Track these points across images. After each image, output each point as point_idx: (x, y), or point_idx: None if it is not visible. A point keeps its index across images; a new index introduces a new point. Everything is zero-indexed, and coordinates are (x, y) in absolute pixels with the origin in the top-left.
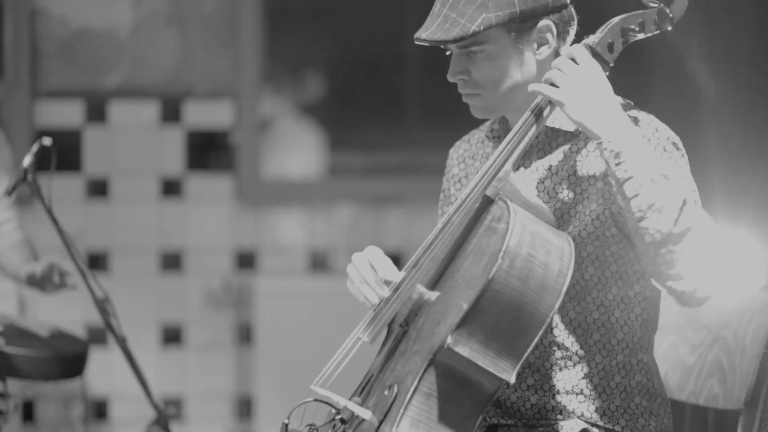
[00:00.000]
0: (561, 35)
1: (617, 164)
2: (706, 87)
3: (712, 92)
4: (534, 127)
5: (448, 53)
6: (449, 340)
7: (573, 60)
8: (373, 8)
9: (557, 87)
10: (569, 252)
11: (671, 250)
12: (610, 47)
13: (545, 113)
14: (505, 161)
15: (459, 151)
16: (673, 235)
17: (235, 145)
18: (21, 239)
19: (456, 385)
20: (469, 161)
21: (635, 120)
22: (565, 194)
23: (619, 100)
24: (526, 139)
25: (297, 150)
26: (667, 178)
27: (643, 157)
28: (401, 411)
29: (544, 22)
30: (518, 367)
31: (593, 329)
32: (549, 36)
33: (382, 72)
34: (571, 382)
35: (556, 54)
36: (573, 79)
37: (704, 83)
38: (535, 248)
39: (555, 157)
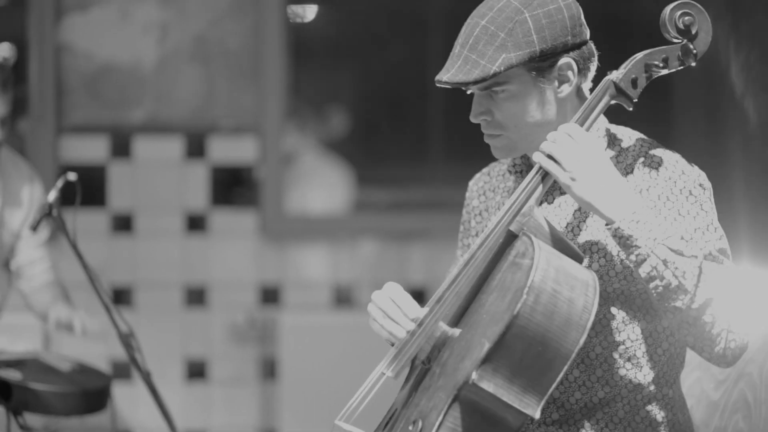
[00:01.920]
0: (582, 72)
1: (628, 248)
2: (732, 120)
3: (739, 125)
4: None
5: (469, 93)
6: (474, 375)
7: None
8: (396, 44)
9: (559, 163)
10: (594, 287)
11: (693, 323)
12: (634, 83)
13: None
14: (529, 196)
15: (479, 184)
16: (693, 310)
17: (259, 180)
18: (52, 280)
19: (481, 421)
20: (489, 194)
21: (660, 161)
22: (590, 231)
23: (644, 138)
24: (550, 175)
25: (321, 185)
26: (681, 253)
27: (653, 237)
28: None
29: (564, 60)
30: (543, 402)
31: (619, 364)
32: (570, 73)
33: (406, 107)
34: (596, 417)
35: (578, 90)
36: (574, 156)
37: (731, 116)
38: (559, 284)
39: None
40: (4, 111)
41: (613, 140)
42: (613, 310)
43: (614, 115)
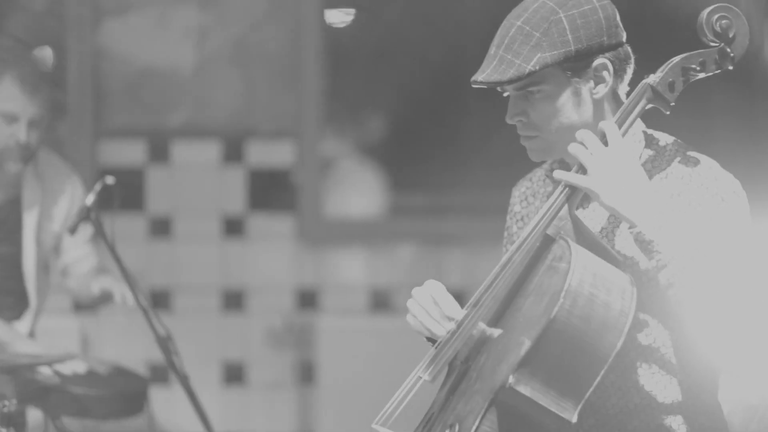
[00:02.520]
0: (617, 73)
1: (650, 253)
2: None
3: None
4: None
5: (505, 95)
6: (511, 379)
7: (604, 137)
8: (434, 48)
9: (586, 171)
10: (631, 291)
11: (715, 331)
12: (671, 86)
13: None
14: (565, 200)
15: (521, 189)
16: (714, 320)
17: (297, 184)
18: (96, 268)
19: (517, 425)
20: (531, 199)
21: (694, 167)
22: (624, 235)
23: (680, 143)
24: None
25: (359, 189)
26: (702, 262)
27: (675, 243)
28: None
29: (599, 60)
30: (580, 406)
31: (654, 370)
32: (605, 74)
33: (444, 111)
34: (632, 423)
35: (614, 93)
36: (602, 163)
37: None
38: (596, 287)
39: None
40: (35, 113)
41: (650, 142)
42: (648, 315)
43: (652, 119)
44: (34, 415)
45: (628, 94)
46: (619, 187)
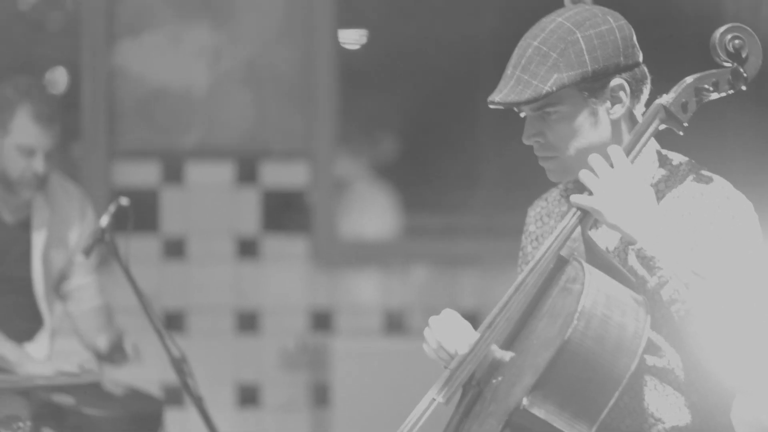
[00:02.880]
0: (634, 93)
1: (651, 269)
2: None
3: None
4: None
5: (522, 115)
6: (525, 401)
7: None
8: (447, 68)
9: (591, 193)
10: (645, 313)
11: (717, 352)
12: (684, 107)
13: None
14: (578, 222)
15: (536, 209)
16: (723, 339)
17: (310, 205)
18: (100, 305)
19: None
20: (546, 219)
21: (706, 187)
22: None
23: (693, 163)
24: None
25: (372, 210)
26: (703, 276)
27: (677, 260)
28: None
29: (616, 81)
30: (595, 428)
31: (668, 391)
32: (622, 94)
33: (457, 132)
34: None
35: (630, 113)
36: (607, 185)
37: None
38: (610, 309)
39: None
40: (51, 144)
41: (664, 162)
42: (661, 336)
43: (666, 139)
44: None
45: (644, 114)
46: (621, 206)
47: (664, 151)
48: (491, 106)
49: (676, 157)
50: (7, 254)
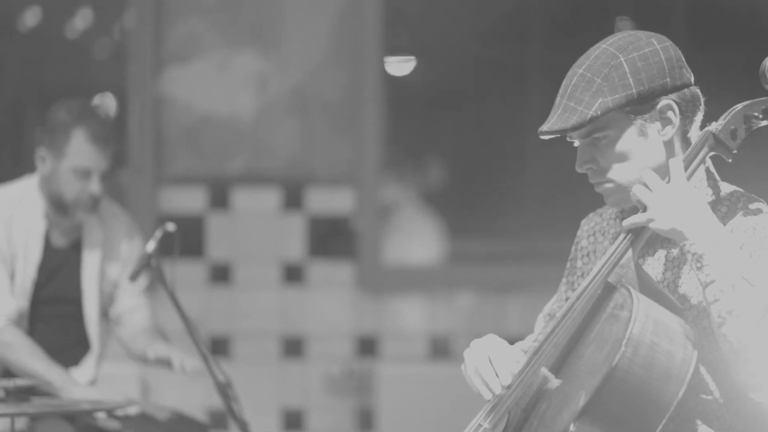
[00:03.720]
0: (685, 114)
1: (699, 267)
2: None
3: None
4: None
5: (575, 145)
6: (572, 428)
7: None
8: (493, 94)
9: (646, 208)
10: (693, 340)
11: (750, 360)
12: (733, 134)
13: None
14: (628, 248)
15: (590, 224)
16: (752, 344)
17: (356, 231)
18: (150, 326)
19: None
20: (598, 236)
21: (757, 214)
22: (688, 284)
23: (740, 192)
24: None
25: (418, 236)
26: (752, 283)
27: (727, 261)
28: None
29: (664, 102)
30: None
31: (712, 419)
32: (671, 114)
33: (504, 158)
34: None
35: (683, 135)
36: (661, 197)
37: None
38: (658, 336)
39: (677, 249)
40: (106, 166)
41: (715, 192)
42: (705, 363)
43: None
44: None
45: None
46: (675, 211)
47: (718, 181)
48: (542, 137)
49: (724, 186)
50: (57, 276)
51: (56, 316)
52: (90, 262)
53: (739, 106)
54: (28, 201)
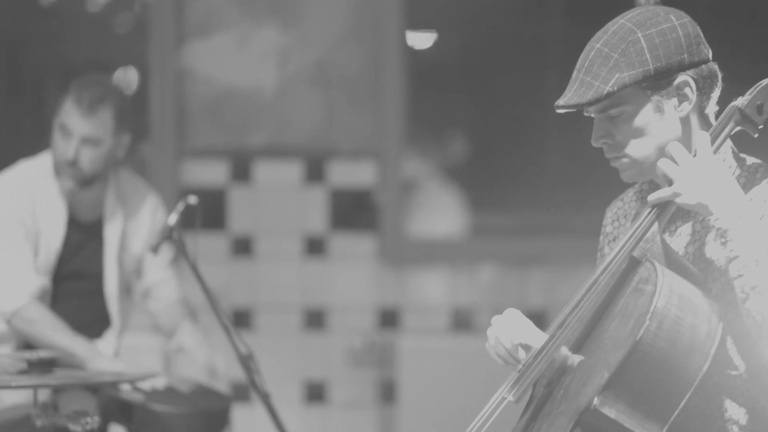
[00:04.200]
0: (702, 91)
1: (723, 242)
2: None
3: None
4: None
5: (592, 116)
6: (596, 401)
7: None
8: (515, 67)
9: (672, 183)
10: (717, 314)
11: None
12: (759, 109)
13: None
14: (652, 223)
15: (613, 210)
16: None
17: (378, 204)
18: (180, 298)
19: None
20: (622, 220)
21: (765, 175)
22: (711, 257)
23: (765, 165)
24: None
25: (440, 210)
26: None
27: (751, 236)
28: None
29: (681, 78)
30: (666, 429)
31: (737, 393)
32: (688, 91)
33: (525, 131)
34: None
35: (700, 110)
36: (688, 170)
37: None
38: (682, 310)
39: (700, 222)
40: (88, 133)
41: (740, 165)
42: (730, 338)
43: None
44: None
45: (717, 114)
46: (701, 184)
47: (741, 155)
48: (558, 111)
49: (750, 159)
50: (80, 253)
51: (78, 292)
52: (111, 237)
53: (765, 81)
54: (50, 176)
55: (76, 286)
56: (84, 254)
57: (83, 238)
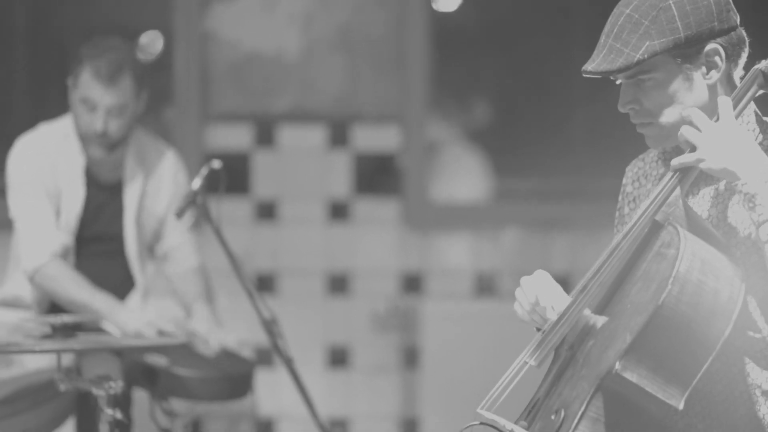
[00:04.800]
0: (731, 58)
1: (752, 207)
2: None
3: None
4: None
5: (618, 83)
6: (618, 365)
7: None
8: (540, 32)
9: (695, 149)
10: (740, 278)
11: None
12: None
13: None
14: (675, 187)
15: (634, 170)
16: None
17: (402, 169)
18: (197, 265)
19: (623, 411)
20: (642, 180)
21: None
22: (735, 220)
23: None
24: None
25: (464, 174)
26: None
27: None
28: None
29: (711, 46)
30: (687, 393)
31: (759, 357)
32: (717, 59)
33: (550, 96)
34: (738, 412)
35: (728, 77)
36: (710, 136)
37: None
38: (705, 274)
39: (723, 185)
40: (112, 103)
41: (763, 128)
42: (753, 301)
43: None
44: (140, 397)
45: (743, 78)
46: (725, 149)
47: (765, 118)
48: (585, 75)
49: None
50: (101, 215)
51: (101, 253)
52: (131, 200)
53: None
54: (71, 137)
55: (99, 248)
56: (105, 215)
57: (104, 199)
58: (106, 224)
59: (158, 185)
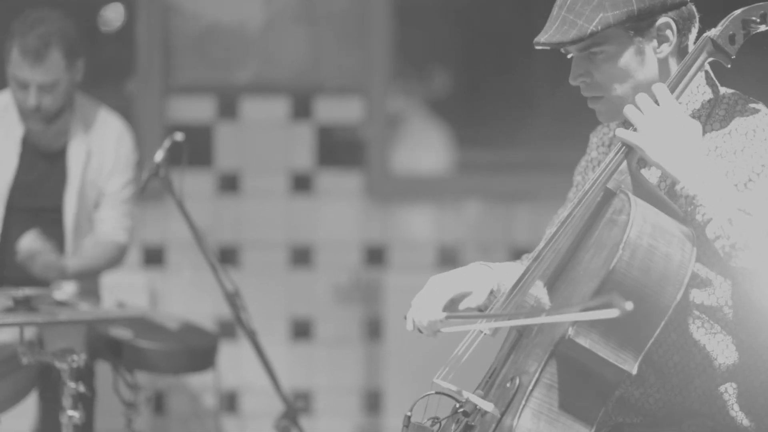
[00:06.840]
0: (681, 32)
1: (694, 208)
2: None
3: None
4: None
5: (569, 56)
6: (570, 331)
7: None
8: (502, 3)
9: (635, 129)
10: (691, 243)
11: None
12: (731, 39)
13: None
14: (625, 155)
15: (599, 135)
16: (762, 270)
17: (364, 140)
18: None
19: (577, 377)
20: (608, 146)
21: (759, 118)
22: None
23: (738, 94)
24: None
25: (426, 146)
26: (749, 212)
27: (719, 197)
28: (523, 403)
29: (662, 20)
30: (640, 358)
31: (716, 329)
32: (669, 33)
33: (511, 67)
34: (693, 383)
35: (678, 51)
36: (651, 121)
37: None
38: (656, 239)
39: None
40: (42, 80)
41: (715, 96)
42: (711, 273)
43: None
44: (103, 370)
45: None
46: (664, 143)
47: (719, 87)
48: (537, 47)
49: (726, 91)
50: (42, 185)
51: (36, 222)
52: (74, 169)
53: (737, 12)
54: (11, 108)
55: (37, 218)
56: (47, 185)
57: (45, 168)
58: (47, 195)
59: (102, 155)
